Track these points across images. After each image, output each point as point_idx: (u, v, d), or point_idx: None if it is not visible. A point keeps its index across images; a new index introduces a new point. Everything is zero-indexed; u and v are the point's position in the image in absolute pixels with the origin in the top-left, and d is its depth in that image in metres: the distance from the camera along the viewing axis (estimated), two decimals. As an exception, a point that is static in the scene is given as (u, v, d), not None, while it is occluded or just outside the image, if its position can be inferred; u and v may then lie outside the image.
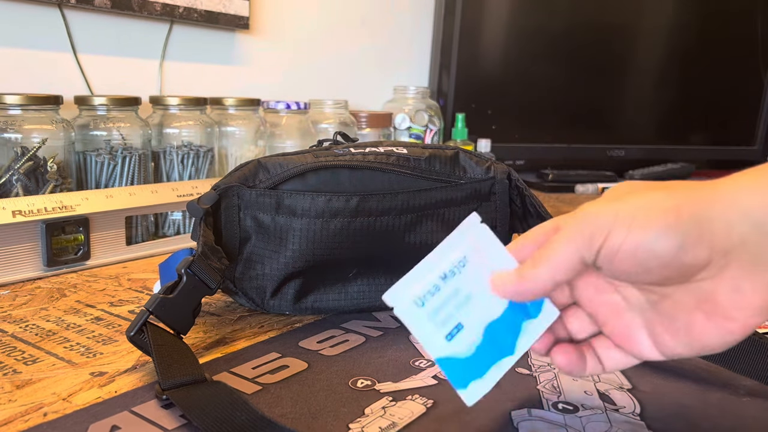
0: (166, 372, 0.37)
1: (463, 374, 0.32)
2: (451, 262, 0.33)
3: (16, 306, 0.53)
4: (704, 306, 0.29)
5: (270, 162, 0.50)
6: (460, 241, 0.33)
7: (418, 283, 0.32)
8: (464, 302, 0.33)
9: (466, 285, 0.33)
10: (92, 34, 0.87)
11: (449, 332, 0.32)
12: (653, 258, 0.28)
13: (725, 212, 0.27)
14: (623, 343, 0.33)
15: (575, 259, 0.30)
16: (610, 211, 0.29)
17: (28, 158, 0.66)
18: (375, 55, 1.33)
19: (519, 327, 0.33)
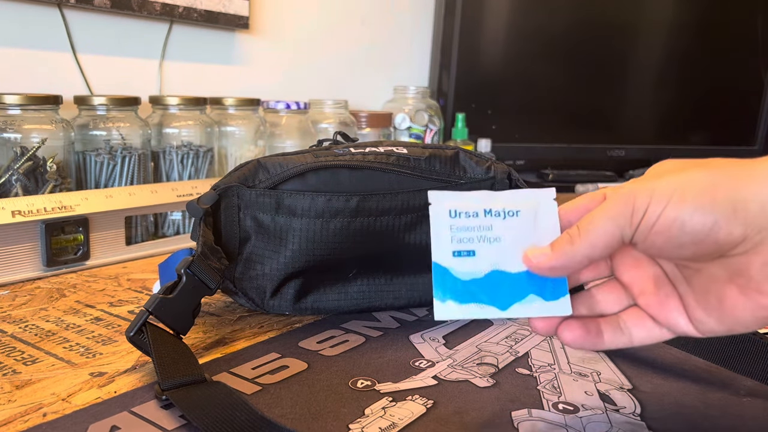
0: (166, 372, 0.37)
1: (447, 288, 0.33)
2: (503, 205, 0.34)
3: (16, 306, 0.53)
4: (737, 280, 0.29)
5: (270, 162, 0.50)
6: (525, 199, 0.34)
7: (464, 201, 0.33)
8: (490, 240, 0.33)
9: (503, 231, 0.33)
10: (92, 34, 0.87)
11: (459, 250, 0.33)
12: (686, 235, 0.29)
13: (761, 191, 0.28)
14: (658, 315, 0.33)
15: (615, 236, 0.31)
16: (648, 188, 0.30)
17: (28, 158, 0.66)
18: (375, 55, 1.33)
19: (524, 296, 0.33)
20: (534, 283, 0.33)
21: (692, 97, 1.52)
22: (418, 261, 0.53)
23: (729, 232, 0.28)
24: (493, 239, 0.33)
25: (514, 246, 0.33)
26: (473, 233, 0.33)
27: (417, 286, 0.54)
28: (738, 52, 1.52)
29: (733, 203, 0.28)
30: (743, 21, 1.51)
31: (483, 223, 0.33)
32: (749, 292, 0.29)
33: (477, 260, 0.33)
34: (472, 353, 0.45)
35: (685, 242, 0.29)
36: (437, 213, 0.33)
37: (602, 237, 0.31)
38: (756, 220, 0.28)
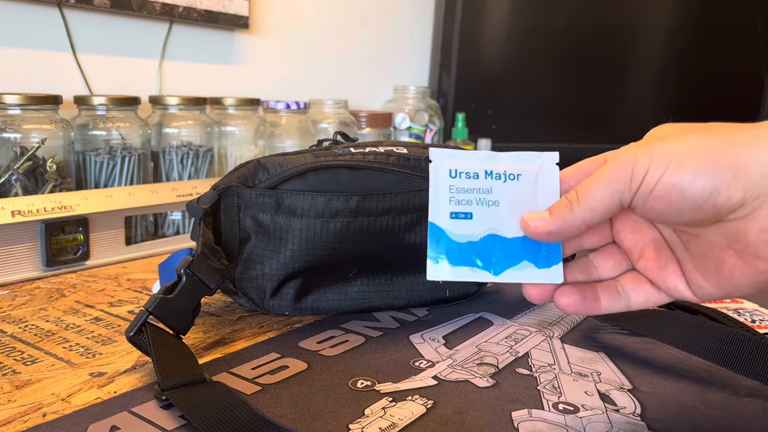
0: (166, 372, 0.37)
1: (442, 250, 0.33)
2: (505, 167, 0.34)
3: (16, 306, 0.53)
4: (735, 245, 0.29)
5: (270, 162, 0.50)
6: (527, 162, 0.34)
7: (465, 161, 0.33)
8: (489, 203, 0.33)
9: (502, 194, 0.33)
10: (92, 34, 0.87)
11: (456, 212, 0.33)
12: (685, 200, 0.29)
13: (762, 156, 0.28)
14: (657, 279, 0.33)
15: (614, 201, 0.30)
16: (647, 152, 0.30)
17: (28, 158, 0.66)
18: (375, 55, 1.33)
19: (517, 261, 0.33)
20: (528, 250, 0.33)
21: (692, 96, 1.52)
22: (418, 261, 0.53)
23: (728, 197, 0.28)
24: (492, 202, 0.33)
25: (512, 211, 0.33)
26: (472, 195, 0.33)
27: (417, 286, 0.54)
28: (738, 52, 1.52)
29: (734, 168, 0.28)
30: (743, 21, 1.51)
31: (483, 185, 0.33)
32: (747, 257, 0.29)
33: (473, 223, 0.33)
34: (472, 353, 0.45)
35: (684, 207, 0.29)
36: (438, 172, 0.33)
37: (600, 202, 0.30)
38: (756, 185, 0.28)
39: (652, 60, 1.48)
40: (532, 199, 0.33)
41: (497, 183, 0.33)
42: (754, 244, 0.28)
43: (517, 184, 0.33)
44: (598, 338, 0.49)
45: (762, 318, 0.54)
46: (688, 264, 0.32)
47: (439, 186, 0.33)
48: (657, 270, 0.33)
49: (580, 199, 0.31)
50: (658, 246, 0.33)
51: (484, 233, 0.33)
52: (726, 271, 0.30)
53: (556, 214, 0.32)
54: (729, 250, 0.30)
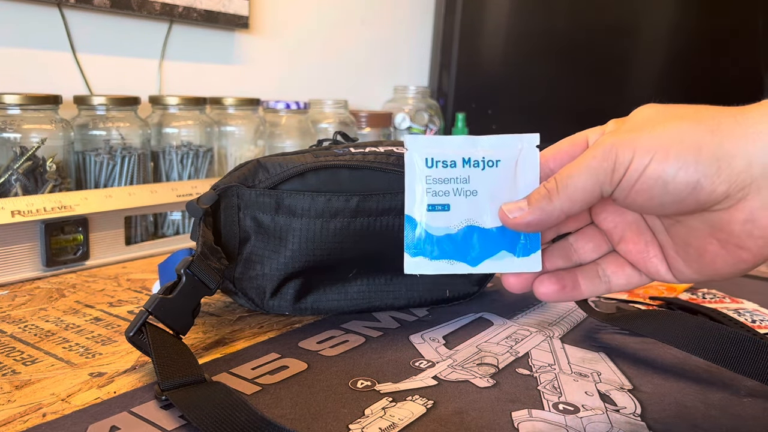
0: (166, 372, 0.37)
1: (418, 244, 0.32)
2: (483, 153, 0.33)
3: (15, 306, 0.53)
4: (718, 234, 0.29)
5: (270, 162, 0.50)
6: (507, 145, 0.33)
7: (441, 148, 0.32)
8: (466, 194, 0.32)
9: (480, 183, 0.32)
10: (91, 34, 0.87)
11: (433, 204, 0.32)
12: (668, 194, 0.28)
13: (747, 146, 0.27)
14: (638, 262, 0.33)
15: (595, 192, 0.30)
16: (630, 142, 0.29)
17: (27, 158, 0.66)
18: (375, 55, 1.33)
19: (495, 251, 0.33)
20: (507, 239, 0.33)
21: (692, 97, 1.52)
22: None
23: (712, 190, 0.27)
24: (470, 192, 0.32)
25: (490, 200, 0.32)
26: (449, 186, 0.32)
27: (417, 286, 0.54)
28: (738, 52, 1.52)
29: (718, 160, 0.27)
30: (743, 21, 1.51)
31: (461, 174, 0.32)
32: (729, 246, 0.29)
33: (451, 215, 0.32)
34: (472, 353, 0.45)
35: (667, 201, 0.28)
36: (413, 161, 0.32)
37: (581, 193, 0.30)
38: (740, 177, 0.27)
39: (652, 60, 1.48)
40: (512, 185, 0.32)
41: (475, 171, 0.32)
42: (737, 234, 0.28)
43: (496, 171, 0.33)
44: (598, 338, 0.49)
45: (762, 318, 0.54)
46: (669, 249, 0.31)
47: (415, 177, 0.32)
48: (638, 253, 0.33)
49: (559, 188, 0.30)
50: (639, 228, 0.33)
51: (462, 225, 0.32)
52: (708, 258, 0.30)
53: (534, 204, 0.31)
54: (711, 239, 0.29)
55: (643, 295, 0.59)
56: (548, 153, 0.33)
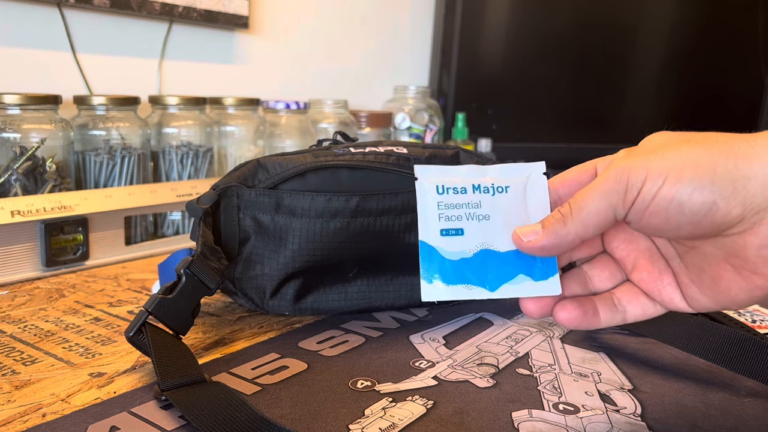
0: (165, 372, 0.37)
1: (435, 269, 0.32)
2: (492, 180, 0.33)
3: (15, 306, 0.53)
4: (732, 260, 0.29)
5: (269, 162, 0.50)
6: (515, 173, 0.33)
7: (451, 176, 0.33)
8: (479, 218, 0.33)
9: (492, 208, 0.33)
10: (91, 34, 0.87)
11: (447, 229, 0.32)
12: (683, 215, 0.28)
13: (763, 169, 0.27)
14: (652, 291, 0.32)
15: (608, 216, 0.30)
16: (643, 165, 0.29)
17: (27, 158, 0.65)
18: (375, 55, 1.33)
19: (513, 275, 0.33)
20: (523, 262, 0.33)
21: (692, 96, 1.52)
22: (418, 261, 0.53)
23: (727, 212, 0.27)
24: (482, 217, 0.33)
25: (503, 224, 0.33)
26: (461, 210, 0.33)
27: (417, 286, 0.54)
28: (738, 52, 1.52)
29: (733, 182, 0.27)
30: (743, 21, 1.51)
31: (471, 200, 0.33)
32: (745, 273, 0.28)
33: (465, 239, 0.32)
34: (472, 353, 0.45)
35: (683, 222, 0.28)
36: (424, 189, 0.33)
37: (595, 216, 0.30)
38: (755, 200, 0.27)
39: (652, 60, 1.48)
40: (523, 210, 0.33)
41: (486, 197, 0.33)
42: (752, 260, 0.28)
43: (506, 197, 0.33)
44: (598, 338, 0.49)
45: (762, 318, 0.54)
46: (683, 276, 0.31)
47: (426, 203, 0.33)
48: (651, 282, 0.32)
49: (573, 213, 0.30)
50: (653, 257, 0.33)
51: (477, 249, 0.32)
52: (723, 285, 0.29)
53: (548, 228, 0.31)
54: (726, 265, 0.29)
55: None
56: (557, 180, 0.33)
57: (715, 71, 1.51)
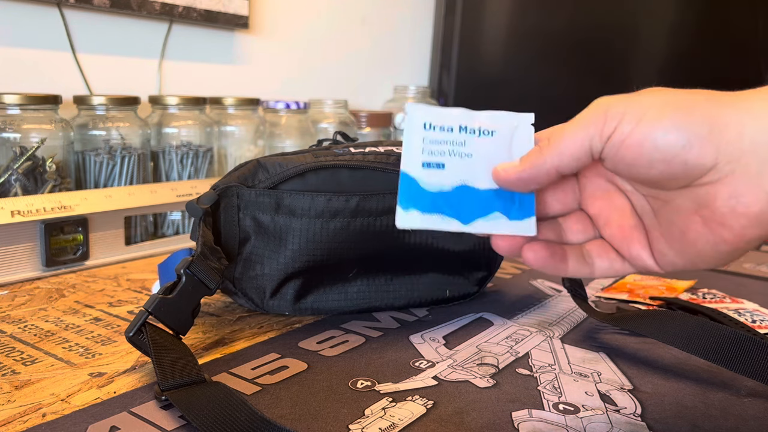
0: (165, 372, 0.37)
1: (412, 198, 0.32)
2: (480, 124, 0.34)
3: (15, 306, 0.53)
4: (702, 211, 0.29)
5: (269, 162, 0.50)
6: (503, 120, 0.34)
7: (440, 117, 0.34)
8: (461, 155, 0.33)
9: (475, 148, 0.33)
10: (91, 34, 0.87)
11: (428, 162, 0.33)
12: (657, 151, 0.28)
13: (740, 117, 0.27)
14: (622, 247, 0.33)
15: (585, 147, 0.30)
16: (622, 101, 0.30)
17: (27, 158, 0.65)
18: (375, 55, 1.33)
19: (488, 212, 0.33)
20: (501, 202, 0.33)
21: (692, 97, 1.52)
22: (418, 261, 0.53)
23: (700, 154, 0.28)
24: (465, 155, 0.33)
25: (485, 163, 0.33)
26: (445, 146, 0.33)
27: (417, 286, 0.54)
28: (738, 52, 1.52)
29: (710, 125, 0.28)
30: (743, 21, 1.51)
31: (456, 139, 0.33)
32: (712, 224, 0.29)
33: (445, 173, 0.33)
34: (472, 353, 0.45)
35: (656, 159, 0.29)
36: (411, 123, 0.33)
37: (571, 146, 0.30)
38: (729, 148, 0.27)
39: (652, 60, 1.48)
40: (506, 154, 0.33)
41: (471, 137, 0.34)
42: (720, 210, 0.28)
43: (491, 140, 0.34)
44: (598, 338, 0.49)
45: (762, 318, 0.54)
46: (654, 231, 0.32)
47: (412, 137, 0.33)
48: (622, 238, 0.33)
49: (551, 143, 0.31)
50: (626, 214, 0.33)
51: (456, 183, 0.33)
52: (690, 238, 0.30)
53: (525, 159, 0.32)
54: (695, 217, 0.29)
55: (643, 295, 0.59)
56: (543, 132, 0.34)
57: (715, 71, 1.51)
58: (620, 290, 0.61)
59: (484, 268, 0.56)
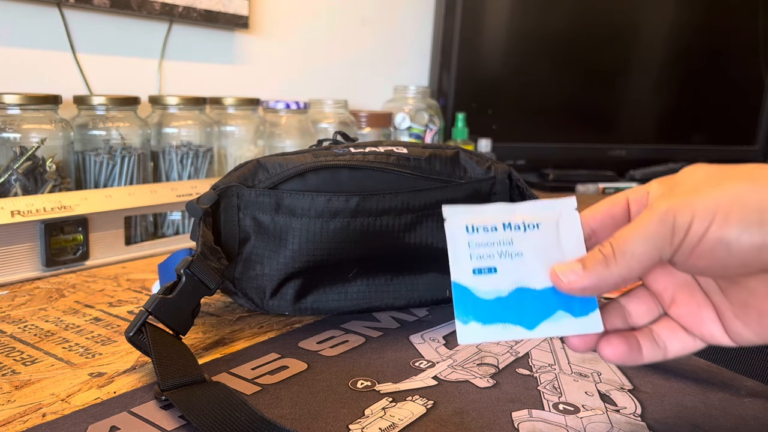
0: (165, 372, 0.37)
1: (469, 310, 0.31)
2: (522, 218, 0.32)
3: (15, 306, 0.53)
4: None
5: (269, 162, 0.50)
6: (545, 210, 0.32)
7: (480, 216, 0.32)
8: (512, 256, 0.32)
9: (524, 245, 0.32)
10: (91, 34, 0.87)
11: (479, 268, 0.31)
12: (732, 257, 0.27)
13: None
14: (692, 326, 0.31)
15: (653, 258, 0.29)
16: (688, 205, 0.28)
17: (27, 158, 0.65)
18: (375, 55, 1.33)
19: (551, 312, 0.31)
20: (561, 299, 0.31)
21: (692, 96, 1.52)
22: (418, 261, 0.53)
23: None
24: (515, 254, 0.32)
25: (537, 261, 0.32)
26: (493, 249, 0.32)
27: (417, 286, 0.54)
28: (738, 52, 1.52)
29: None
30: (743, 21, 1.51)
31: (503, 238, 0.32)
32: None
33: (499, 277, 0.31)
34: (472, 353, 0.45)
35: (730, 264, 0.27)
36: (453, 229, 0.32)
37: (639, 260, 0.29)
38: None
39: (652, 60, 1.48)
40: (557, 247, 0.32)
41: (517, 233, 0.32)
42: None
43: (538, 233, 0.32)
44: (598, 338, 0.49)
45: (762, 318, 0.54)
46: (726, 311, 0.30)
47: (456, 243, 0.32)
48: (690, 317, 0.31)
49: (617, 255, 0.29)
50: (692, 290, 0.31)
51: (512, 287, 0.31)
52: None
53: (590, 269, 0.30)
54: None
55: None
56: (588, 214, 0.32)
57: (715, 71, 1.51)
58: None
59: (484, 268, 0.56)
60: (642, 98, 1.50)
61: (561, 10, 1.38)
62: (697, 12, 1.48)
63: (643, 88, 1.49)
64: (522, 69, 1.37)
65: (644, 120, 1.51)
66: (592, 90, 1.44)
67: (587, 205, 0.33)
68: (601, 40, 1.42)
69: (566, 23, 1.39)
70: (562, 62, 1.40)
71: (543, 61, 1.39)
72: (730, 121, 1.57)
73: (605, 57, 1.43)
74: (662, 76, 1.49)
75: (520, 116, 1.39)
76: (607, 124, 1.48)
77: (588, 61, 1.42)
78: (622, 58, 1.45)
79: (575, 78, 1.42)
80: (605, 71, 1.44)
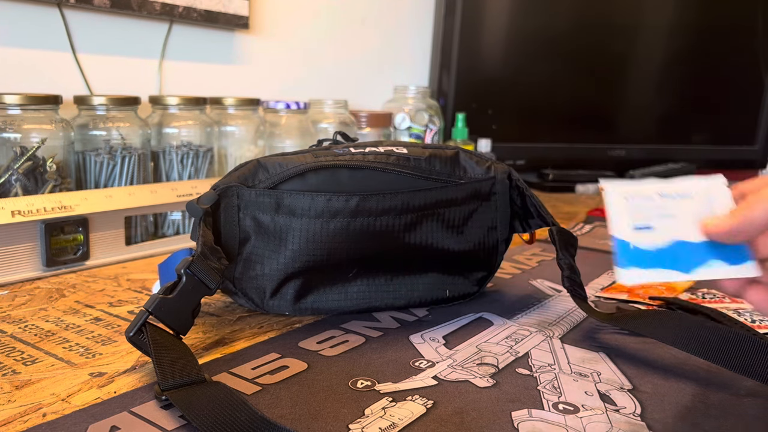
0: (166, 372, 0.37)
1: (630, 258, 0.35)
2: (676, 190, 0.37)
3: (15, 306, 0.53)
4: None
5: (270, 162, 0.50)
6: (695, 186, 0.36)
7: (636, 189, 0.37)
8: (667, 217, 0.36)
9: (679, 209, 0.36)
10: (91, 34, 0.87)
11: (639, 226, 0.36)
12: None
13: None
14: None
15: None
16: None
17: (28, 158, 0.66)
18: (375, 55, 1.33)
19: (705, 260, 0.35)
20: (716, 250, 0.35)
21: (692, 96, 1.52)
22: (418, 261, 0.53)
23: None
24: (671, 216, 0.36)
25: (690, 221, 0.36)
26: (650, 212, 0.36)
27: (417, 286, 0.54)
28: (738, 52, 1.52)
29: None
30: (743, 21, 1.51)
31: (658, 204, 0.36)
32: None
33: (656, 232, 0.36)
34: (472, 353, 0.45)
35: None
36: (612, 197, 0.36)
37: None
38: None
39: (652, 60, 1.48)
40: (708, 210, 0.36)
41: (671, 201, 0.36)
42: None
43: (690, 201, 0.36)
44: (598, 338, 0.49)
45: (762, 318, 0.54)
46: None
47: (616, 207, 0.36)
48: None
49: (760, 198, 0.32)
50: None
51: (670, 240, 0.36)
52: None
53: (734, 213, 0.33)
54: None
55: (643, 295, 0.59)
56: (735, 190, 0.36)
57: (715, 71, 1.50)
58: (620, 290, 0.61)
59: (484, 268, 0.56)
60: (642, 98, 1.50)
61: (561, 10, 1.38)
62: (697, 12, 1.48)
63: (643, 88, 1.49)
64: (522, 69, 1.37)
65: (644, 120, 1.51)
66: (592, 90, 1.44)
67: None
68: (601, 40, 1.42)
69: (566, 23, 1.39)
70: (562, 62, 1.40)
71: (543, 61, 1.39)
72: (730, 121, 1.57)
73: (605, 57, 1.43)
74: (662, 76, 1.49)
75: (520, 116, 1.39)
76: (607, 124, 1.48)
77: (588, 62, 1.42)
78: (622, 58, 1.45)
79: (575, 78, 1.42)
80: (605, 71, 1.44)
